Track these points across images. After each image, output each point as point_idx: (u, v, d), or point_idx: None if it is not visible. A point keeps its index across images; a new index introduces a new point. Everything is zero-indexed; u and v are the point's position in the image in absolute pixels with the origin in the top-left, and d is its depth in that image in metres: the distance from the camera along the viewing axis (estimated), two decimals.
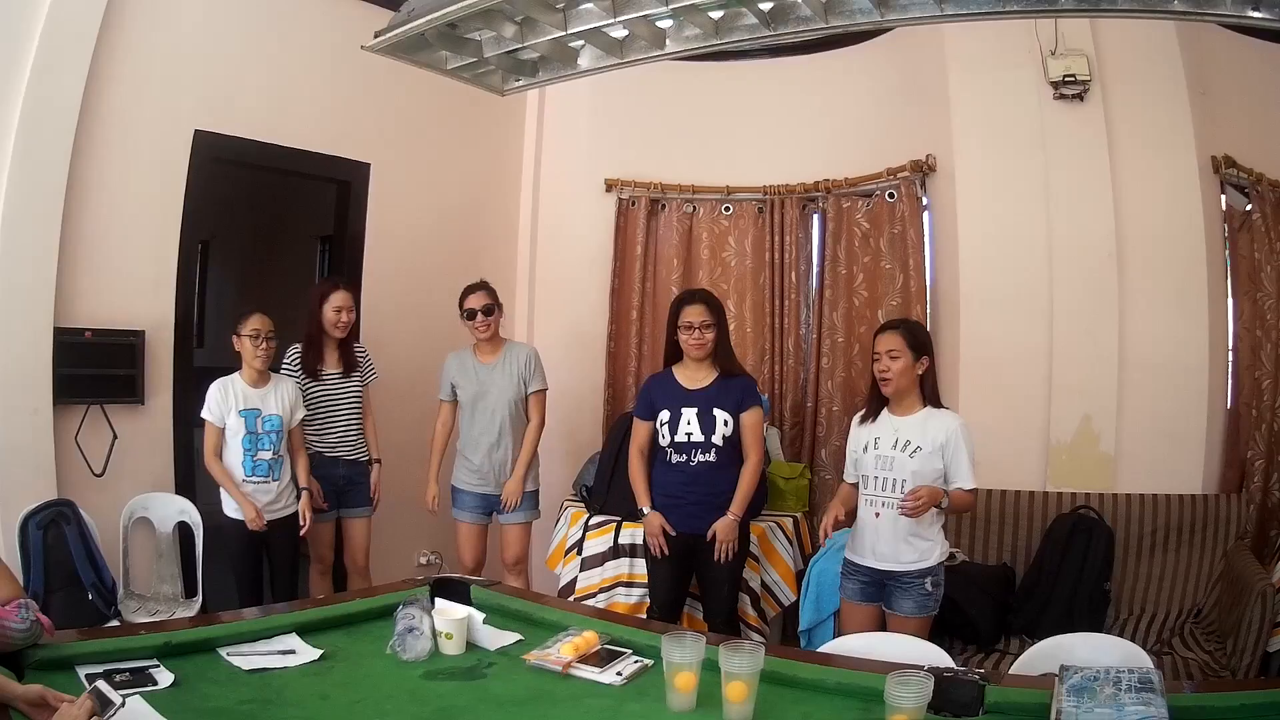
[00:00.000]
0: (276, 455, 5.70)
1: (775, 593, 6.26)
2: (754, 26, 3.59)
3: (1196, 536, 6.16)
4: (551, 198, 8.25)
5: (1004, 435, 6.42)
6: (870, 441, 4.81)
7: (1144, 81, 6.47)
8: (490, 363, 6.25)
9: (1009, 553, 6.32)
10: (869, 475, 4.81)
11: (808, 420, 7.39)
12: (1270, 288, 6.64)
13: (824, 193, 7.39)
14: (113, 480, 5.79)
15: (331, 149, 6.99)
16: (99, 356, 5.78)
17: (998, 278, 6.70)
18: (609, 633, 3.54)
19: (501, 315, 6.39)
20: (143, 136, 5.97)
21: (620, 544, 6.19)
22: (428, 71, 4.26)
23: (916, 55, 6.96)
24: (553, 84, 4.54)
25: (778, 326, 7.50)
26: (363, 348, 6.38)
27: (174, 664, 3.17)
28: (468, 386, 6.24)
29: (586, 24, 3.68)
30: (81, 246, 5.71)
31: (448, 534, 6.57)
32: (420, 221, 7.55)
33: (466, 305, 6.23)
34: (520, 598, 4.11)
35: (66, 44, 5.54)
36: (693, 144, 7.88)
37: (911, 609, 4.68)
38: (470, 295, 6.25)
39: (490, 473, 6.23)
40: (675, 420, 5.39)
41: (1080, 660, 3.01)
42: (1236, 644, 5.24)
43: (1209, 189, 6.57)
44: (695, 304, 5.44)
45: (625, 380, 7.81)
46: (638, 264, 7.82)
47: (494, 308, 6.28)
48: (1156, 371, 6.37)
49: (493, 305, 6.27)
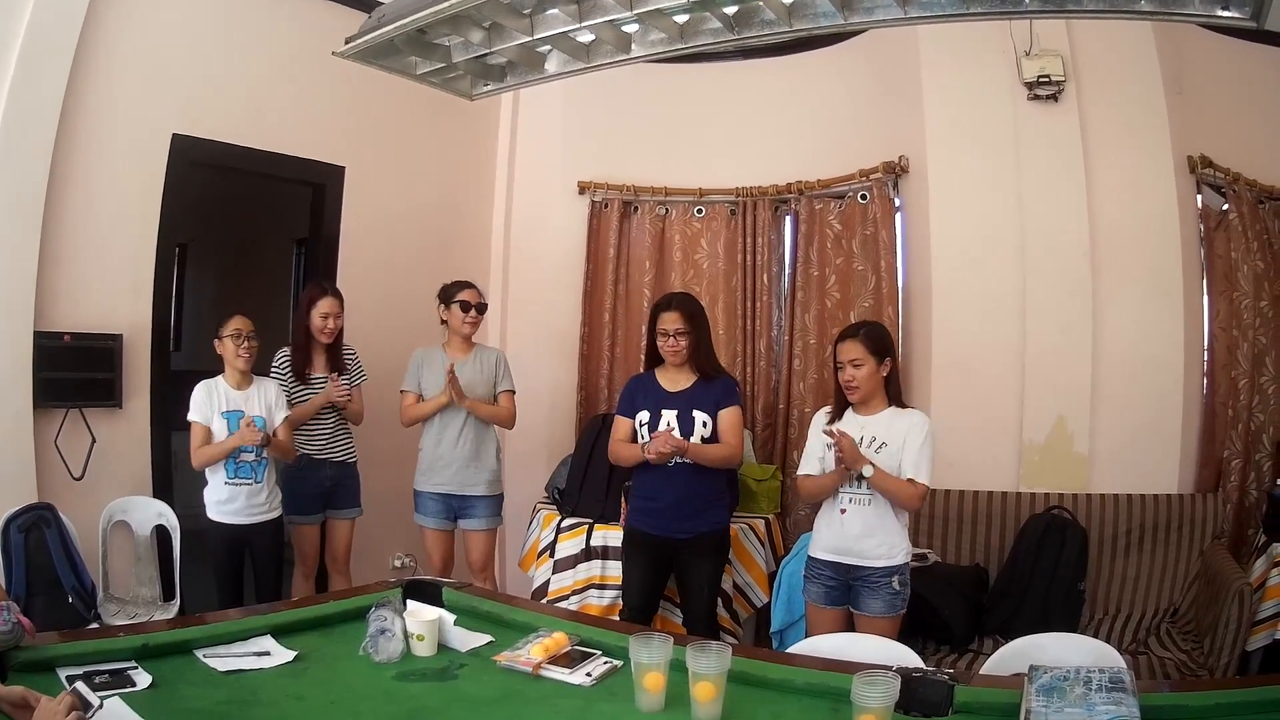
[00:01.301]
0: (260, 458, 5.69)
1: (748, 594, 6.28)
2: (718, 30, 3.61)
3: (1172, 536, 6.21)
4: (525, 200, 8.26)
5: (977, 436, 6.50)
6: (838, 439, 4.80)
7: (1119, 81, 6.52)
8: (462, 360, 6.24)
9: (981, 553, 6.35)
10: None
11: (779, 422, 7.41)
12: (1247, 287, 6.67)
13: (796, 194, 7.41)
14: (92, 484, 5.79)
15: (306, 152, 7.02)
16: (78, 360, 5.79)
17: (971, 278, 6.74)
18: (578, 634, 3.55)
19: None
20: (121, 140, 5.99)
21: (593, 546, 6.21)
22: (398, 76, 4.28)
23: (890, 56, 6.98)
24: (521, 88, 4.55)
25: (750, 329, 7.53)
26: (352, 350, 6.40)
27: (152, 666, 3.18)
28: (436, 383, 6.20)
29: (553, 29, 3.69)
30: (61, 250, 5.72)
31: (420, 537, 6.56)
32: (395, 223, 7.58)
33: (461, 297, 6.24)
34: (491, 599, 4.14)
35: (47, 49, 5.56)
36: (665, 146, 7.90)
37: (880, 609, 4.70)
38: (467, 289, 6.28)
39: (454, 471, 6.22)
40: (655, 421, 5.40)
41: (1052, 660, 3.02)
42: (1214, 643, 5.29)
43: (1185, 188, 6.62)
44: (671, 310, 5.45)
45: (598, 382, 7.84)
46: (610, 266, 7.83)
47: (485, 306, 6.36)
48: (1131, 371, 6.42)
49: (485, 304, 6.36)
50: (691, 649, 2.85)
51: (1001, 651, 3.61)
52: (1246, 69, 6.63)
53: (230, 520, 5.65)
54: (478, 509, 6.26)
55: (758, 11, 3.49)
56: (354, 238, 7.30)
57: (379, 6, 3.90)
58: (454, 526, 6.36)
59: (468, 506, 6.26)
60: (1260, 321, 6.69)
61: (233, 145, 6.54)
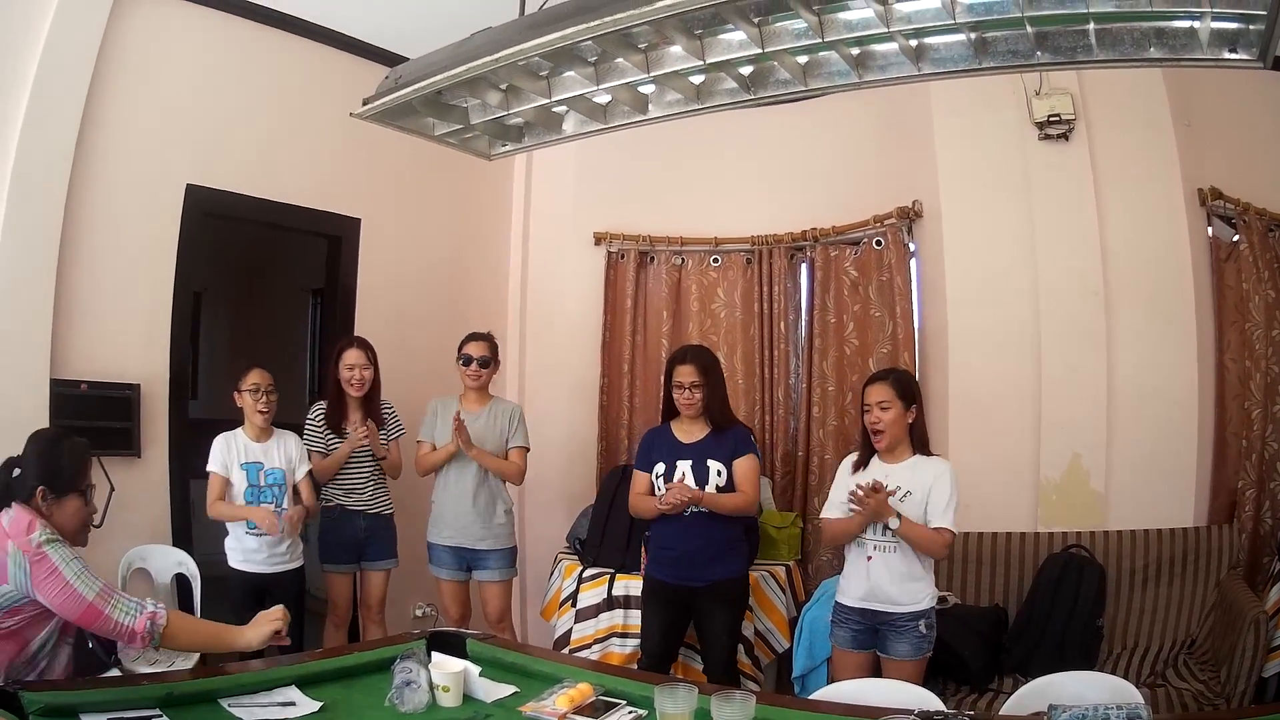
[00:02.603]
0: (279, 508, 5.71)
1: (769, 640, 6.29)
2: (734, 90, 3.66)
3: (1189, 569, 6.17)
4: (540, 251, 8.29)
5: (994, 477, 6.46)
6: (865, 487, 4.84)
7: (1129, 117, 6.52)
8: (475, 413, 6.27)
9: (1000, 594, 6.32)
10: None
11: (799, 469, 7.39)
12: (1258, 317, 6.64)
13: (811, 241, 7.41)
14: (111, 531, 5.75)
15: (322, 204, 7.06)
16: (95, 409, 5.80)
17: (985, 320, 6.74)
18: (603, 684, 3.57)
19: (495, 371, 6.43)
20: (135, 190, 6.03)
21: (614, 595, 6.23)
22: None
23: (901, 101, 6.91)
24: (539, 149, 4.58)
25: (768, 376, 7.51)
26: (389, 405, 6.42)
27: (176, 714, 3.20)
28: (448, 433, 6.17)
29: (571, 91, 3.73)
30: (77, 299, 5.76)
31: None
32: (411, 275, 7.61)
33: (465, 350, 6.27)
34: (515, 650, 4.15)
35: (58, 99, 5.62)
36: (680, 195, 7.90)
37: (907, 652, 4.71)
38: (471, 342, 6.31)
39: (465, 524, 6.22)
40: (670, 472, 5.45)
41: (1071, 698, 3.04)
42: (1231, 672, 5.26)
43: (1196, 222, 6.60)
44: (685, 364, 5.53)
45: (618, 432, 7.81)
46: (628, 316, 7.83)
47: (490, 360, 6.34)
48: (1145, 406, 6.39)
49: (489, 358, 6.33)
50: (716, 699, 2.89)
51: (1021, 691, 3.65)
52: (1254, 97, 6.56)
53: (252, 569, 5.67)
54: (489, 560, 6.26)
55: (773, 71, 3.53)
56: (370, 289, 7.34)
57: (395, 67, 3.94)
58: (468, 577, 6.35)
59: (479, 559, 6.27)
60: (1273, 351, 6.64)
61: (247, 196, 6.59)
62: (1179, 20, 2.92)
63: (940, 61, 3.33)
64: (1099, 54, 3.08)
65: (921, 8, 3.03)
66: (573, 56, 3.50)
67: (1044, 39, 3.10)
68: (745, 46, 3.25)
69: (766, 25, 3.18)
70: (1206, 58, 2.93)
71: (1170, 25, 2.94)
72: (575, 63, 3.58)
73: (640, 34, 3.29)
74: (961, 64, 3.31)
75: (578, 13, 3.13)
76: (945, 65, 3.34)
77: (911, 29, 3.13)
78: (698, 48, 3.34)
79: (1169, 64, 3.06)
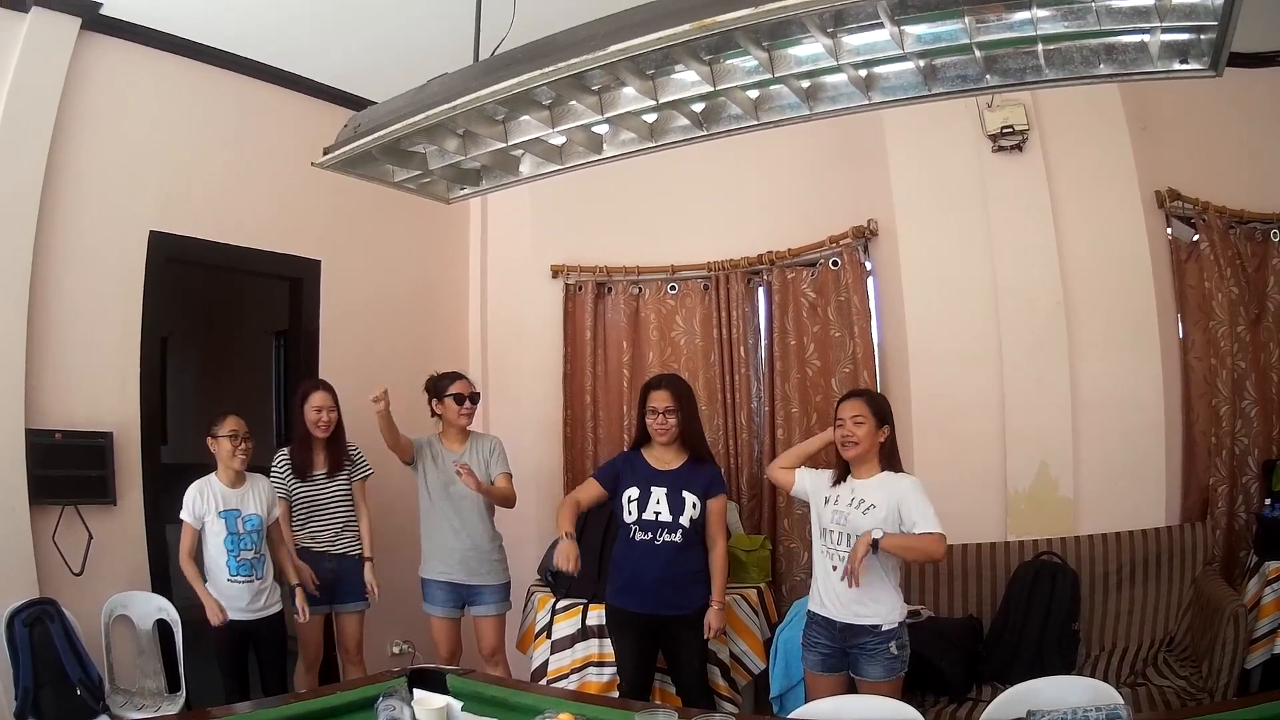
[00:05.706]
0: (258, 554, 5.75)
1: (744, 662, 6.30)
2: (687, 128, 3.69)
3: (1164, 568, 6.22)
4: (499, 286, 8.34)
5: (962, 489, 6.47)
6: (831, 497, 4.95)
7: (1083, 124, 6.58)
8: (458, 451, 6.30)
9: (974, 605, 6.35)
10: (828, 529, 4.92)
11: (765, 492, 7.38)
12: (1222, 314, 6.70)
13: (768, 265, 7.43)
14: (91, 579, 5.82)
15: (282, 247, 7.13)
16: (70, 458, 5.85)
17: (946, 334, 6.77)
18: (584, 713, 3.58)
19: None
20: (100, 238, 6.10)
21: (589, 625, 6.22)
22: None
23: (853, 120, 6.71)
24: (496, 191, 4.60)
25: (730, 401, 7.51)
26: (355, 446, 6.46)
27: None
28: (435, 475, 6.25)
29: (527, 134, 3.76)
30: (47, 347, 5.82)
31: (420, 623, 6.55)
32: (373, 315, 7.67)
33: (454, 390, 6.28)
34: (496, 684, 4.18)
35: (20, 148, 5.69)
36: (635, 225, 7.93)
37: (880, 674, 4.73)
38: (457, 381, 6.33)
39: (459, 560, 6.23)
40: (645, 498, 5.47)
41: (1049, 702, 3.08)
42: (1212, 666, 5.32)
43: (1155, 224, 6.69)
44: (660, 389, 5.59)
45: (583, 464, 7.78)
46: (588, 348, 7.85)
47: (478, 395, 6.40)
48: (1111, 411, 6.45)
49: (477, 394, 6.40)
50: None
51: (999, 699, 3.66)
52: (1209, 97, 6.49)
53: (234, 616, 5.66)
54: (485, 595, 6.29)
55: (725, 108, 3.57)
56: (333, 330, 7.39)
57: (354, 115, 3.98)
58: (461, 614, 6.37)
59: (476, 594, 6.29)
60: (1238, 347, 6.71)
61: (209, 241, 6.65)
62: (1128, 35, 2.93)
63: (891, 90, 3.36)
64: (1049, 74, 3.10)
65: (871, 40, 3.05)
66: (528, 100, 3.53)
67: (993, 62, 3.12)
68: (697, 85, 3.29)
69: (717, 64, 3.22)
70: (1158, 70, 2.95)
71: (1120, 40, 2.96)
72: (530, 106, 3.61)
73: (594, 76, 3.33)
74: (912, 91, 3.34)
75: (532, 57, 3.17)
76: (895, 93, 3.37)
77: (861, 60, 3.16)
78: (650, 88, 3.38)
79: (1120, 79, 3.08)
